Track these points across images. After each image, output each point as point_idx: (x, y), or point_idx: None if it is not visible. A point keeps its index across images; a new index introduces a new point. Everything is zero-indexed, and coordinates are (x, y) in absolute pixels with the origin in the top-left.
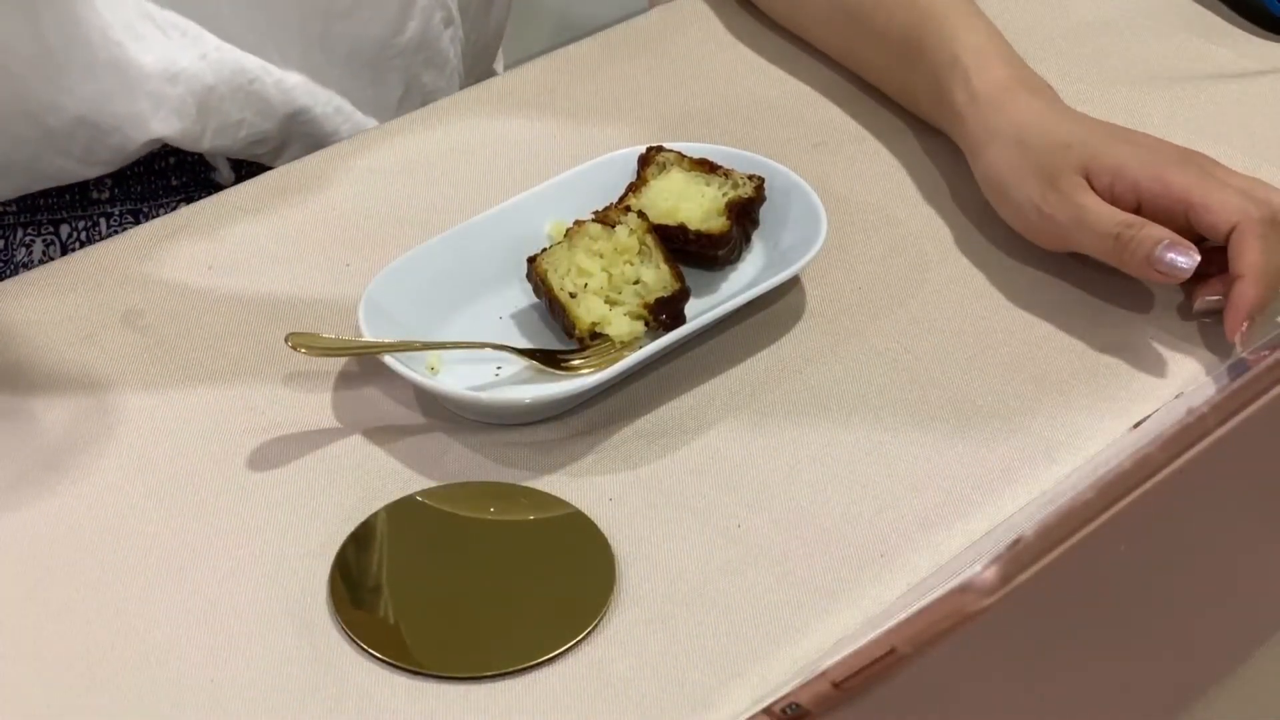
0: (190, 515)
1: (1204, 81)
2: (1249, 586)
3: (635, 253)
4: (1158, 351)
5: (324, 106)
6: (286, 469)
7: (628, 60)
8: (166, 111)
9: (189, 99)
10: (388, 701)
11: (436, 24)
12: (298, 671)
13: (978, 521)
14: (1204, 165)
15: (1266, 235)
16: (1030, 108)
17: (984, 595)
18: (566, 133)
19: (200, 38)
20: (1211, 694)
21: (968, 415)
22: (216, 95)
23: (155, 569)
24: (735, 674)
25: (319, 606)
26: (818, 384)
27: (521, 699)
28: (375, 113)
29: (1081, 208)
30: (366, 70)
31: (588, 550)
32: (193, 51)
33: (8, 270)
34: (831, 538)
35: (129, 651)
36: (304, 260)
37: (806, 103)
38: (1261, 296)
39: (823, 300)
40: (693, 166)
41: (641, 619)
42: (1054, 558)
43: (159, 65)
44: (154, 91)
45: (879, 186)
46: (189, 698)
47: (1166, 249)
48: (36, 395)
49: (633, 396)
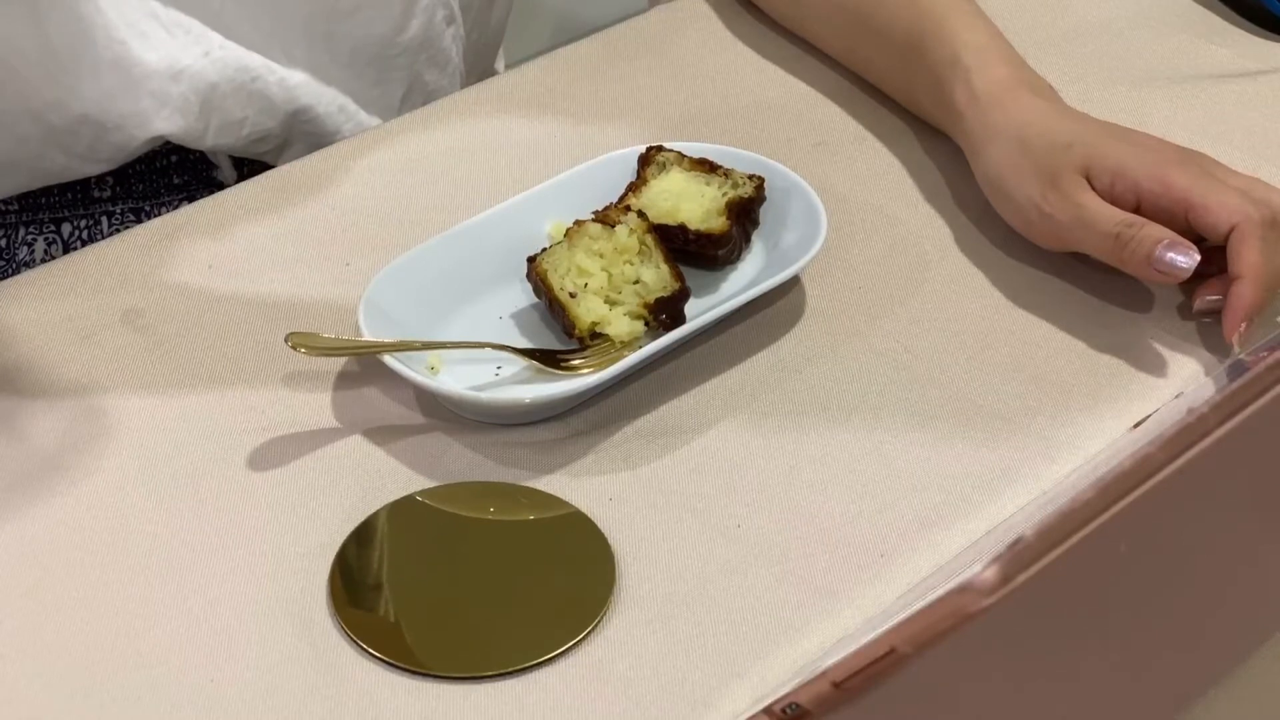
0: (190, 515)
1: (1204, 81)
2: (1249, 586)
3: (635, 252)
4: (1158, 351)
5: (327, 105)
6: (286, 469)
7: (628, 60)
8: (170, 110)
9: (192, 97)
10: (388, 701)
11: (439, 22)
12: (298, 671)
13: (978, 521)
14: (1204, 165)
15: (1266, 237)
16: (1031, 107)
17: (984, 595)
18: (566, 133)
19: (204, 36)
20: (1211, 694)
21: (968, 415)
22: (219, 93)
23: (155, 569)
24: (735, 674)
25: (319, 606)
26: (818, 384)
27: (521, 699)
28: (379, 112)
29: (1082, 207)
30: (370, 69)
31: (588, 550)
32: (196, 50)
33: (9, 269)
34: (831, 538)
35: (129, 651)
36: (304, 260)
37: (806, 103)
38: (1260, 298)
39: (823, 300)
40: (693, 166)
41: (641, 619)
42: (1054, 558)
43: (162, 63)
44: (157, 90)
45: (879, 186)
46: (189, 698)
47: (1166, 249)
48: (36, 395)
49: (633, 396)
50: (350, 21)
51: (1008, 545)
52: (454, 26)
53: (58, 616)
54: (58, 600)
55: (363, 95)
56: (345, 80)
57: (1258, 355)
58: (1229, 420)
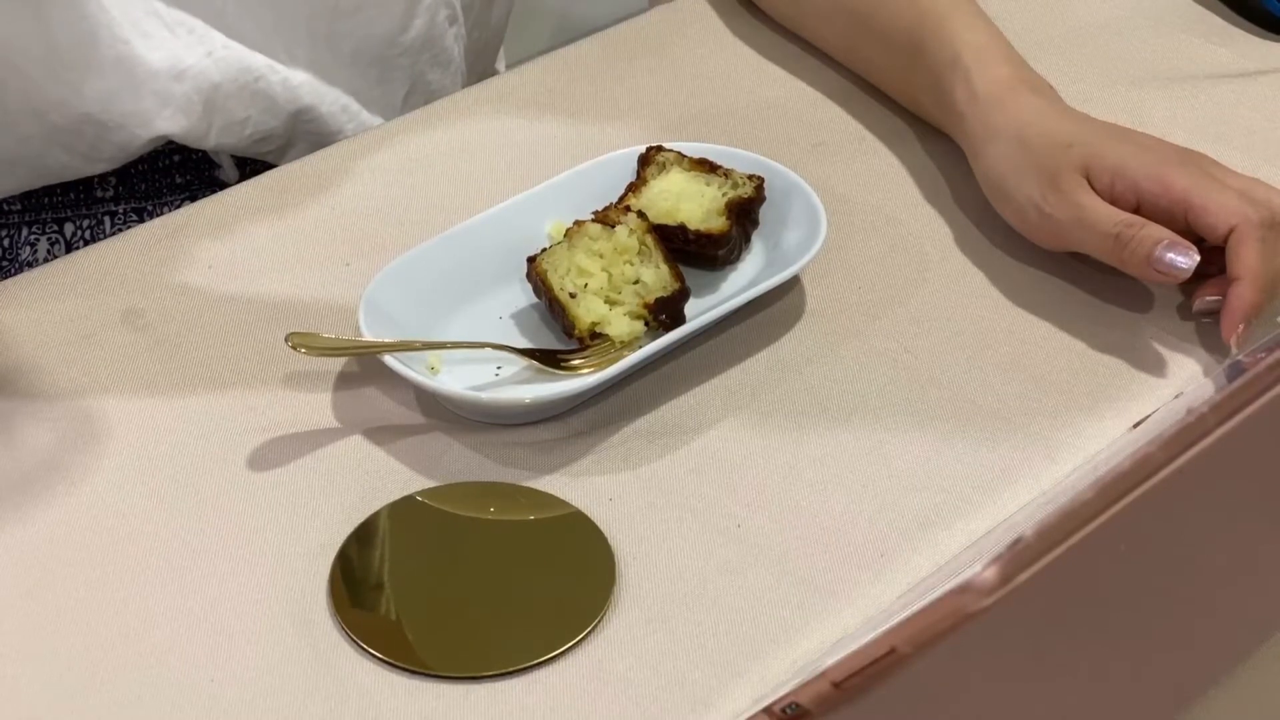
0: (190, 515)
1: (1204, 81)
2: (1249, 586)
3: (635, 253)
4: (1158, 351)
5: (330, 105)
6: (286, 469)
7: (628, 60)
8: (172, 109)
9: (195, 97)
10: (388, 701)
11: (441, 21)
12: (298, 671)
13: (978, 521)
14: (1204, 165)
15: (1265, 238)
16: (1031, 107)
17: (984, 595)
18: (566, 133)
19: (207, 35)
20: (1211, 694)
21: (968, 415)
22: (222, 93)
23: (155, 569)
24: (735, 674)
25: (319, 606)
26: (818, 384)
27: (521, 699)
28: (381, 111)
29: (1081, 207)
30: (372, 69)
31: (588, 550)
32: (199, 49)
33: (12, 269)
34: (831, 538)
35: (129, 651)
36: (304, 260)
37: (806, 103)
38: (1258, 300)
39: (823, 300)
40: (693, 166)
41: (641, 619)
42: (1054, 558)
43: (165, 63)
44: (160, 89)
45: (879, 186)
46: (189, 697)
47: (1166, 249)
48: (37, 395)
49: (633, 396)
50: (352, 20)
51: (1008, 545)
52: (456, 26)
53: (58, 617)
54: (58, 600)
55: (365, 95)
56: (348, 80)
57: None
58: (1229, 420)
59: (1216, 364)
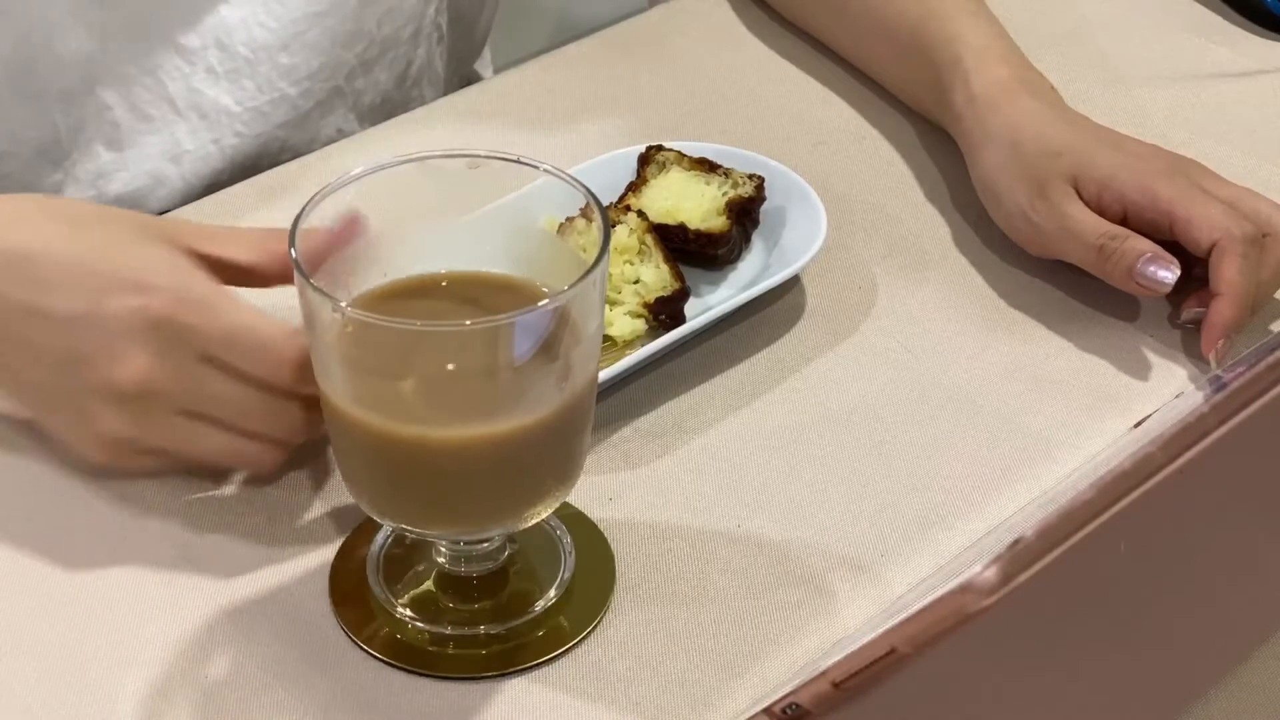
0: (190, 513)
1: (1204, 81)
2: (1249, 586)
3: (635, 252)
4: (1158, 351)
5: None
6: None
7: (627, 59)
8: (166, 190)
9: (195, 181)
10: (388, 701)
11: (434, 47)
12: (298, 671)
13: (978, 521)
14: (1195, 176)
15: (1247, 254)
16: (1027, 110)
17: (984, 595)
18: (566, 132)
19: (217, 123)
20: (1211, 694)
21: (968, 415)
22: (223, 179)
23: (154, 568)
24: (735, 674)
25: (319, 606)
26: (818, 384)
27: (521, 699)
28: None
29: (1067, 216)
30: (379, 111)
31: (588, 550)
32: (205, 136)
33: None
34: (831, 538)
35: (127, 650)
36: None
37: (806, 102)
38: (1237, 316)
39: (823, 300)
40: (693, 166)
41: (641, 619)
42: (1054, 558)
43: (163, 145)
44: (153, 170)
45: (879, 186)
46: (187, 696)
47: (1148, 262)
48: None
49: (633, 396)
50: (368, 78)
51: (1008, 545)
52: (443, 45)
53: (55, 615)
54: (55, 599)
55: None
56: (353, 124)
57: (1235, 373)
58: (1229, 420)
59: (1203, 374)
